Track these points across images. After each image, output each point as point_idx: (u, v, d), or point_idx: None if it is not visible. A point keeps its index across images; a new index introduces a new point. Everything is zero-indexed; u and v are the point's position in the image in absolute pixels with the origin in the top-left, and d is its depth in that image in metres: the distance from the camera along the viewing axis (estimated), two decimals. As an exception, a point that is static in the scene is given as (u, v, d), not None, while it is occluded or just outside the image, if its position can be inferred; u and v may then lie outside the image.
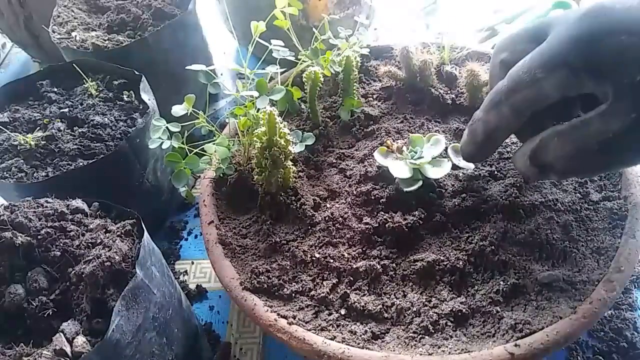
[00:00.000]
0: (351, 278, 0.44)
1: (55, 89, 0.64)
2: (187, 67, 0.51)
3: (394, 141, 0.50)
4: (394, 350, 0.39)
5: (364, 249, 0.46)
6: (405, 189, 0.47)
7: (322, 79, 0.53)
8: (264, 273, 0.44)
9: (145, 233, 0.39)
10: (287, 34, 0.55)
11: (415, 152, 0.48)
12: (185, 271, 0.61)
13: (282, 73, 0.58)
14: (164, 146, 0.49)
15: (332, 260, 0.45)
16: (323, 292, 0.43)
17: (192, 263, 0.62)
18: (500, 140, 0.44)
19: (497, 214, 0.46)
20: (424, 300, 0.42)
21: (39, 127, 0.58)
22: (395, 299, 0.42)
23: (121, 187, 0.56)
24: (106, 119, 0.58)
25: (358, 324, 0.41)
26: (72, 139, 0.56)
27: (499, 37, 0.81)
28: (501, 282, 0.42)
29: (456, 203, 0.47)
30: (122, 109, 0.60)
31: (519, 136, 0.46)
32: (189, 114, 0.50)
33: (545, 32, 0.38)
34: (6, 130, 0.57)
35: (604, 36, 0.33)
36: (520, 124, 0.40)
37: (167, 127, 0.50)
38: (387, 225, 0.45)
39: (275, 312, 0.41)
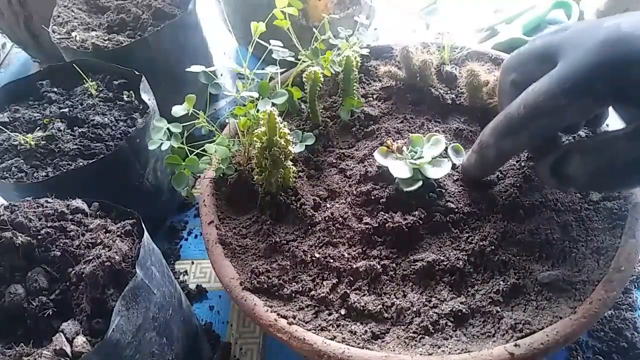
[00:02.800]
0: (351, 278, 0.44)
1: (55, 89, 0.63)
2: (187, 70, 0.51)
3: (394, 141, 0.50)
4: (394, 350, 0.39)
5: (364, 249, 0.46)
6: (405, 189, 0.47)
7: (322, 79, 0.53)
8: (264, 273, 0.44)
9: (145, 233, 0.39)
10: (287, 34, 0.55)
11: (415, 152, 0.48)
12: (185, 271, 0.61)
13: (282, 73, 0.58)
14: (164, 147, 0.49)
15: (332, 260, 0.45)
16: (323, 292, 0.43)
17: (192, 263, 0.62)
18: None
19: (497, 214, 0.46)
20: (424, 300, 0.42)
21: (39, 127, 0.58)
22: (395, 299, 0.42)
23: (121, 187, 0.56)
24: (106, 119, 0.58)
25: (358, 324, 0.41)
26: (72, 139, 0.56)
27: (499, 37, 0.81)
28: (501, 282, 0.42)
29: (456, 203, 0.47)
30: (122, 109, 0.60)
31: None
32: (189, 114, 0.49)
33: (555, 53, 0.38)
34: (6, 130, 0.57)
35: (630, 64, 0.33)
36: (534, 146, 0.41)
37: (168, 128, 0.50)
38: (387, 225, 0.45)
39: (275, 312, 0.41)
